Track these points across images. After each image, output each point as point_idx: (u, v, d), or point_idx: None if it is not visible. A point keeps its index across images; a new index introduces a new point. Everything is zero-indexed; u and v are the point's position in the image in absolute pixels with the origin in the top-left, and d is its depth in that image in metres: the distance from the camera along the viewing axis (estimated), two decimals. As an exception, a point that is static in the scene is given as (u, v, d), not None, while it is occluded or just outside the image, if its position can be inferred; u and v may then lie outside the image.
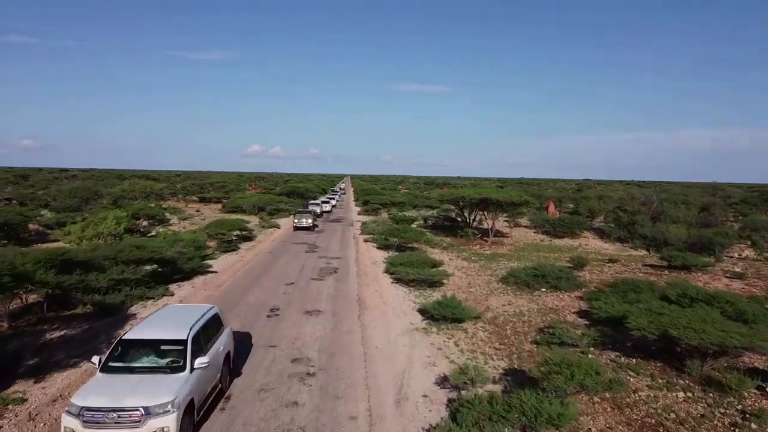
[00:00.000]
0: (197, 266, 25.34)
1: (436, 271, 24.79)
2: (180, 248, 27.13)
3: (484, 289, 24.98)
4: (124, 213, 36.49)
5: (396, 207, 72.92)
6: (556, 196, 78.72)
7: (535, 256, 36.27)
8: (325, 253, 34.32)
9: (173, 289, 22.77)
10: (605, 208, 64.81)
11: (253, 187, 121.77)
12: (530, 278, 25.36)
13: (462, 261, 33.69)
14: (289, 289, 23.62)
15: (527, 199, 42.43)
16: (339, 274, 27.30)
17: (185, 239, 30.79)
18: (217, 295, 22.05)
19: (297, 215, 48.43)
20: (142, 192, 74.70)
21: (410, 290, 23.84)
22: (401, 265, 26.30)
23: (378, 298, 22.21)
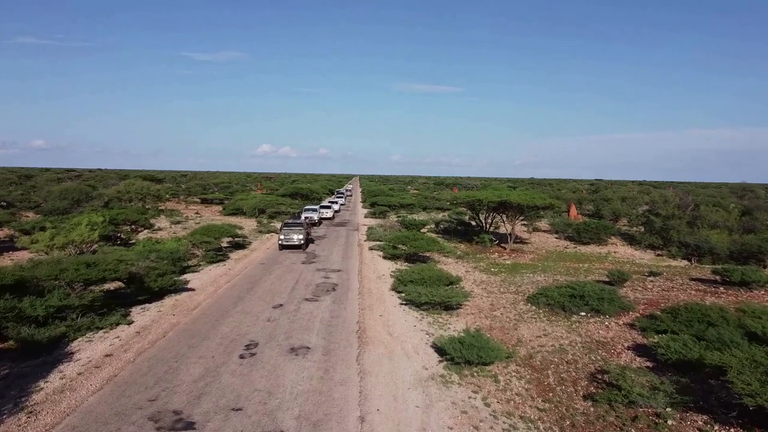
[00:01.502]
0: (169, 284, 21.27)
1: (452, 292, 20.55)
2: (151, 261, 23.11)
3: (510, 312, 20.77)
4: (100, 218, 32.61)
5: (405, 209, 68.82)
6: (574, 198, 74.20)
7: (562, 267, 32.06)
8: (324, 265, 30.17)
9: (134, 315, 18.71)
10: (629, 211, 60.38)
11: (258, 188, 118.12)
12: (565, 299, 21.12)
13: (480, 273, 29.48)
14: (276, 313, 19.48)
15: (552, 203, 38.12)
16: (338, 293, 23.15)
17: (163, 249, 26.79)
18: (186, 323, 17.97)
19: (284, 229, 36.22)
20: (138, 193, 70.92)
21: (422, 315, 19.65)
22: (411, 282, 22.14)
23: (383, 327, 18.02)
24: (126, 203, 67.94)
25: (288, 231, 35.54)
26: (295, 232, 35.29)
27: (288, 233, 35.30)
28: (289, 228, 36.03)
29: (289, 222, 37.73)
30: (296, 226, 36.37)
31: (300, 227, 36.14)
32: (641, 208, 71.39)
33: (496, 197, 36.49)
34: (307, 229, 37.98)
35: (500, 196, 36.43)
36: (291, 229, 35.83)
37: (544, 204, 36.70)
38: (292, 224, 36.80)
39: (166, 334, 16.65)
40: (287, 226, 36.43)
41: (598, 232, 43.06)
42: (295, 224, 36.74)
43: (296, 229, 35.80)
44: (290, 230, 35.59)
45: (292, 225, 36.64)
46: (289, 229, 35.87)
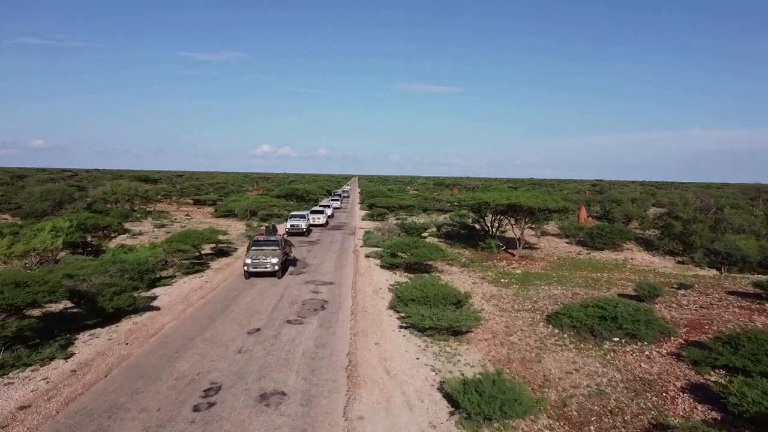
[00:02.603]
0: (127, 304, 17.99)
1: (462, 314, 17.24)
2: (110, 276, 19.84)
3: (530, 338, 17.54)
4: (66, 223, 29.36)
5: (404, 211, 65.57)
6: (579, 199, 70.89)
7: (579, 278, 28.86)
8: (314, 276, 26.88)
9: (78, 345, 15.45)
10: (641, 213, 57.12)
11: (255, 188, 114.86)
12: (594, 321, 17.87)
13: (489, 285, 26.25)
14: (250, 341, 16.20)
15: (566, 205, 34.87)
16: (327, 312, 19.87)
17: (129, 259, 23.52)
18: (138, 356, 14.70)
19: (253, 250, 26.66)
20: (125, 194, 67.72)
21: (426, 343, 16.38)
22: (413, 301, 18.87)
23: (379, 361, 14.75)
24: (112, 205, 64.84)
25: (257, 252, 26.25)
26: (268, 254, 26.00)
27: (257, 255, 25.92)
28: (259, 248, 26.70)
29: (259, 240, 27.46)
30: (270, 245, 26.95)
31: (275, 247, 26.78)
32: (650, 209, 68.37)
33: (504, 200, 33.23)
34: (286, 248, 28.99)
35: (509, 198, 33.16)
36: (262, 249, 26.54)
37: (557, 207, 33.44)
38: (264, 242, 27.18)
39: (110, 373, 13.40)
40: (257, 246, 26.91)
41: (613, 236, 39.83)
42: (268, 242, 27.16)
43: (269, 249, 26.49)
44: (261, 251, 26.35)
45: (263, 244, 27.06)
46: (260, 249, 26.56)
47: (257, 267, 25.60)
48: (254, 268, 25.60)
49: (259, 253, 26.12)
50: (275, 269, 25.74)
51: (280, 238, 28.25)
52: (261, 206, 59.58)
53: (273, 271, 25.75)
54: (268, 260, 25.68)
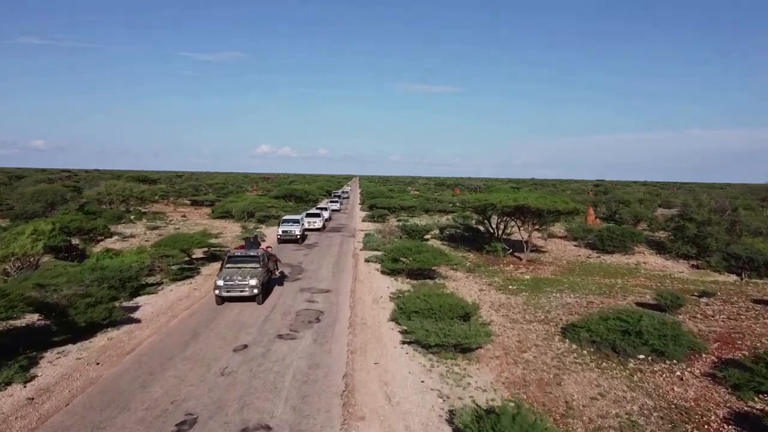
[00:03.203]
0: (102, 317, 16.32)
1: (471, 330, 15.52)
2: (85, 285, 18.18)
3: (546, 355, 15.87)
4: (48, 226, 27.71)
5: (406, 212, 63.91)
6: (585, 200, 69.13)
7: (592, 284, 27.22)
8: (310, 283, 25.20)
9: (42, 366, 13.78)
10: (650, 214, 55.43)
11: (254, 189, 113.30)
12: (617, 336, 16.19)
13: (497, 293, 24.60)
14: (236, 360, 14.53)
15: (576, 207, 33.19)
16: (322, 325, 18.19)
17: (111, 266, 21.85)
18: (108, 379, 13.02)
19: (228, 268, 21.87)
20: (120, 195, 66.12)
21: (432, 362, 14.70)
22: (417, 314, 17.18)
23: (379, 385, 13.06)
24: (107, 206, 63.26)
25: (233, 271, 21.28)
26: (246, 273, 21.01)
27: (232, 275, 20.89)
28: (235, 265, 21.86)
29: (235, 255, 22.62)
30: (248, 261, 22.13)
31: (255, 264, 21.98)
32: (658, 210, 66.66)
33: (511, 201, 31.56)
34: (269, 265, 23.94)
35: (516, 199, 31.49)
36: (238, 267, 21.71)
37: (566, 208, 31.77)
38: (242, 258, 22.32)
39: (72, 401, 11.72)
40: (233, 262, 22.06)
41: (624, 239, 38.10)
42: (246, 259, 22.30)
43: (248, 267, 21.67)
44: (237, 269, 21.48)
45: (240, 260, 22.20)
46: (236, 267, 21.71)
47: (231, 290, 20.42)
48: (227, 292, 20.40)
49: (234, 273, 21.04)
50: (254, 293, 20.54)
51: (262, 253, 23.20)
52: (258, 207, 57.99)
53: (251, 296, 20.58)
54: (246, 281, 20.50)
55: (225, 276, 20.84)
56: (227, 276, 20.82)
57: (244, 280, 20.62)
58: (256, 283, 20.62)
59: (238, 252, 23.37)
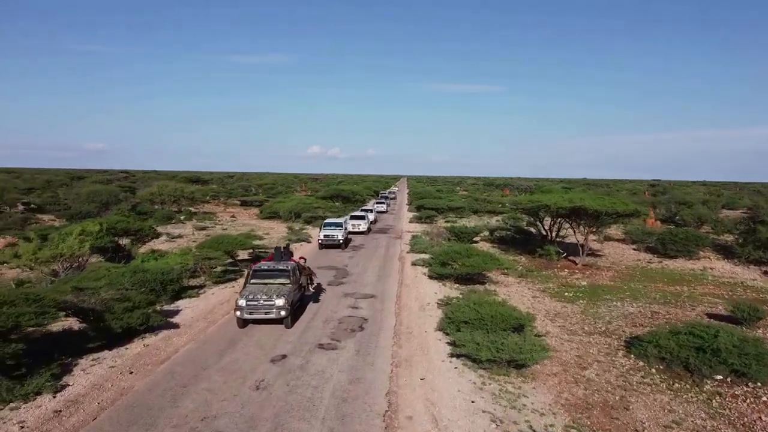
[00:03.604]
0: (139, 322, 15.79)
1: (526, 343, 14.19)
2: (124, 289, 17.79)
3: (610, 373, 14.41)
4: (95, 227, 27.79)
5: (454, 213, 62.46)
6: (645, 201, 65.91)
7: (655, 292, 25.35)
8: (354, 287, 24.29)
9: (75, 374, 13.29)
10: (715, 216, 52.21)
11: (303, 189, 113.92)
12: (690, 352, 14.55)
13: (552, 300, 23.10)
14: (272, 373, 13.69)
15: (637, 209, 31.14)
16: (366, 334, 17.21)
17: (153, 268, 21.51)
18: (138, 391, 12.36)
19: (251, 282, 18.84)
20: (171, 195, 67.18)
21: (483, 379, 13.48)
22: (466, 324, 15.98)
23: (425, 405, 11.94)
24: (159, 206, 64.41)
25: (257, 288, 18.12)
26: (273, 291, 17.77)
27: (256, 293, 17.71)
28: (261, 280, 18.77)
29: (261, 269, 19.42)
30: (277, 276, 18.97)
31: (284, 279, 18.76)
32: (722, 212, 62.98)
33: (566, 202, 29.83)
34: (302, 280, 20.65)
35: (572, 201, 29.73)
36: (265, 283, 18.58)
37: (626, 210, 29.80)
38: (269, 273, 19.20)
39: (99, 414, 11.11)
40: (258, 277, 18.97)
41: (688, 243, 35.64)
42: (274, 273, 19.15)
43: (275, 283, 18.49)
44: (263, 286, 18.31)
45: (267, 275, 19.09)
46: (261, 283, 18.56)
47: (255, 311, 17.24)
48: (250, 314, 17.24)
49: (259, 290, 17.86)
50: (281, 315, 17.23)
51: (293, 266, 19.97)
52: (305, 208, 57.73)
53: (278, 318, 17.33)
54: (272, 301, 17.22)
55: (248, 294, 17.60)
56: (250, 294, 17.58)
57: (270, 299, 17.34)
58: (283, 303, 17.32)
59: (265, 265, 19.97)
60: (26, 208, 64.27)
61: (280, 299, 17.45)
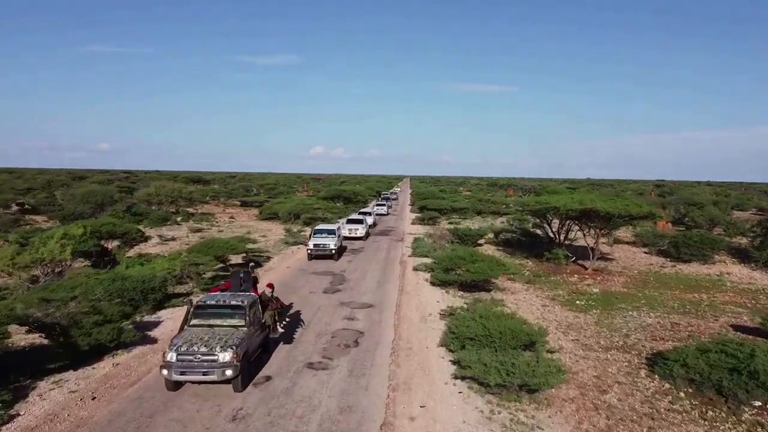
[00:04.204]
0: (110, 339, 14.26)
1: (540, 365, 12.58)
2: (98, 299, 16.26)
3: (633, 397, 12.82)
4: (79, 230, 26.30)
5: (457, 214, 60.90)
6: (651, 203, 64.11)
7: (672, 300, 23.81)
8: (351, 295, 22.72)
9: (32, 399, 11.75)
10: (728, 218, 50.49)
11: (304, 190, 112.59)
12: (723, 374, 12.93)
13: (563, 310, 21.53)
14: (253, 399, 12.13)
15: (651, 211, 29.53)
16: (361, 350, 15.62)
17: (134, 275, 19.99)
18: (98, 422, 10.79)
19: (191, 325, 13.52)
20: (169, 196, 65.76)
21: (491, 407, 11.88)
22: (472, 340, 14.41)
23: (425, 439, 10.41)
24: (157, 207, 63.03)
25: (198, 334, 13.00)
26: (218, 339, 12.70)
27: (193, 343, 12.49)
28: (205, 321, 13.65)
29: (206, 306, 14.09)
30: (227, 315, 13.82)
31: (237, 320, 13.64)
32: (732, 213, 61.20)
33: (576, 204, 28.22)
34: (264, 317, 15.25)
35: (583, 202, 28.12)
36: (209, 325, 13.50)
37: (640, 212, 28.19)
38: (216, 311, 13.96)
39: (46, 454, 9.58)
40: (202, 316, 13.79)
41: (703, 246, 33.97)
42: (224, 311, 13.94)
43: (225, 326, 13.45)
44: (207, 329, 13.28)
45: (214, 313, 13.88)
46: (206, 325, 13.53)
47: (189, 370, 12.01)
48: (182, 373, 12.02)
49: (198, 337, 12.72)
50: (226, 376, 12.02)
51: (251, 299, 14.56)
52: (305, 209, 56.21)
53: (223, 380, 12.12)
54: (215, 355, 12.08)
55: (181, 344, 12.38)
56: (185, 344, 12.37)
57: (211, 352, 12.12)
58: (230, 357, 12.05)
59: (213, 298, 14.55)
60: (20, 209, 63.01)
61: (227, 352, 12.12)
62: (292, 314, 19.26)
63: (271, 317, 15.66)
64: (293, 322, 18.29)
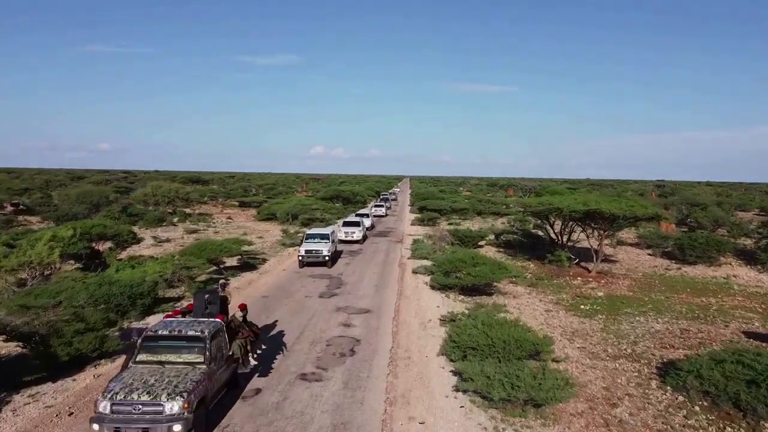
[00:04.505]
0: (91, 349, 13.51)
1: (546, 380, 11.82)
2: (81, 306, 15.51)
3: (646, 411, 12.10)
4: (68, 232, 25.57)
5: (457, 214, 60.17)
6: (656, 203, 63.30)
7: (680, 304, 23.11)
8: (348, 299, 21.97)
9: (5, 415, 11.01)
10: (730, 219, 49.76)
11: (303, 190, 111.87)
12: (740, 387, 12.17)
13: (567, 315, 20.79)
14: (241, 414, 11.34)
15: (657, 212, 28.79)
16: (357, 360, 14.86)
17: (122, 279, 19.24)
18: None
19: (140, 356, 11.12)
20: (166, 196, 64.98)
21: (495, 422, 11.10)
22: (474, 350, 13.66)
23: (424, 462, 9.65)
24: (154, 207, 62.29)
25: (143, 374, 10.52)
26: (167, 381, 10.24)
27: (129, 391, 9.93)
28: (154, 357, 11.10)
29: (156, 337, 11.47)
30: (182, 348, 11.23)
31: (194, 354, 11.08)
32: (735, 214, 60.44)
33: (580, 205, 27.48)
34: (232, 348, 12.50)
35: (586, 204, 27.37)
36: (159, 362, 10.99)
37: (645, 214, 27.45)
38: (168, 342, 11.34)
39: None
40: (151, 349, 11.24)
41: (708, 248, 33.22)
42: (178, 343, 11.31)
43: (179, 364, 10.92)
44: (155, 368, 10.79)
45: (166, 346, 11.27)
46: (154, 362, 11.01)
47: (125, 426, 9.66)
48: (116, 429, 9.65)
49: (142, 380, 10.31)
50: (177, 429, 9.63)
51: (214, 327, 11.85)
52: (303, 209, 55.50)
53: None
54: (161, 405, 9.76)
55: (118, 389, 9.96)
56: (123, 389, 9.96)
57: (155, 400, 9.76)
58: (179, 408, 9.70)
59: (165, 327, 11.70)
60: (15, 209, 62.29)
61: (175, 401, 9.71)
62: (287, 321, 18.51)
63: (241, 348, 12.73)
64: (288, 329, 17.53)
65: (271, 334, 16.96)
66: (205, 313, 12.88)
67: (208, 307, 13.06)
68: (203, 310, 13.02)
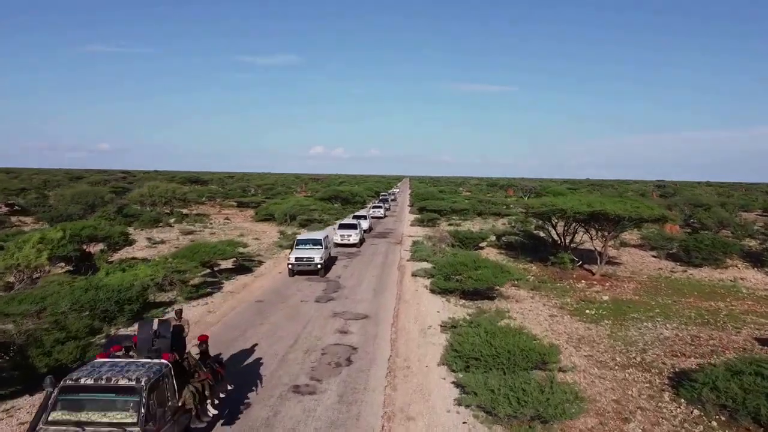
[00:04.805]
0: (72, 359, 12.77)
1: (554, 395, 11.07)
2: (62, 313, 14.76)
3: (660, 427, 11.38)
4: (57, 234, 24.84)
5: (458, 215, 59.46)
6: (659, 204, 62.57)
7: (688, 309, 22.38)
8: (345, 304, 21.21)
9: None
10: (734, 220, 49.04)
11: (302, 190, 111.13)
12: (759, 400, 11.45)
13: (572, 320, 20.05)
14: (230, 430, 10.65)
15: (664, 214, 28.07)
16: (353, 370, 14.10)
17: (110, 283, 18.49)
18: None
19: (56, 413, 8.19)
20: (162, 197, 64.21)
21: (501, 441, 10.44)
22: (477, 360, 12.92)
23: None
24: (150, 207, 61.60)
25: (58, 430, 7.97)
26: None
27: None
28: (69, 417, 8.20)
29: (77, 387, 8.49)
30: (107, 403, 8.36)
31: (125, 411, 8.25)
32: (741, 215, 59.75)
33: (585, 207, 26.74)
34: (184, 395, 9.65)
35: (591, 205, 26.64)
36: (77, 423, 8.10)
37: (652, 215, 26.72)
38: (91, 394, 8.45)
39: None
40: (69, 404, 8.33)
41: (714, 250, 32.48)
42: (103, 396, 8.43)
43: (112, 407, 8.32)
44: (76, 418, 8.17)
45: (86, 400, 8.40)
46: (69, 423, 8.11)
47: None
48: None
49: None
50: None
51: (155, 372, 8.97)
52: (301, 210, 54.75)
53: None
54: None
55: None
56: None
57: None
58: None
59: (90, 374, 8.76)
60: (10, 209, 61.55)
61: None
62: (281, 327, 17.76)
63: (195, 395, 9.90)
64: (282, 336, 16.77)
65: (265, 341, 16.20)
66: (151, 350, 9.77)
67: (155, 341, 10.01)
68: (149, 345, 9.91)
